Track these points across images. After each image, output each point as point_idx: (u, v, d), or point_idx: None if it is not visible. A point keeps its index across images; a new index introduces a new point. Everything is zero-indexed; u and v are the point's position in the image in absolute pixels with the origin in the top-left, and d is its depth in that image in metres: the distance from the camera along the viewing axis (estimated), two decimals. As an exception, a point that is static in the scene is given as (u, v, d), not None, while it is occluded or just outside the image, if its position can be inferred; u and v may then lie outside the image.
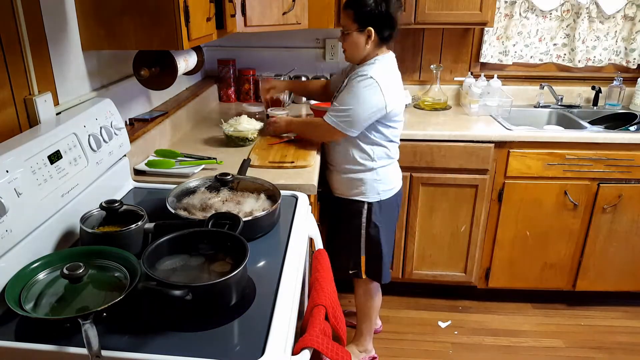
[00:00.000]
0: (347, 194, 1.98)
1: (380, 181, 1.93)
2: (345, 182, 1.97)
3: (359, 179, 1.93)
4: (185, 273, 1.03)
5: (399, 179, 2.03)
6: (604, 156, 2.31)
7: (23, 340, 0.87)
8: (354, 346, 2.24)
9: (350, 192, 1.97)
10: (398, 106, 1.86)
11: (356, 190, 1.95)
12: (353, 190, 1.96)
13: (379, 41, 1.82)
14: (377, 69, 1.80)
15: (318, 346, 0.96)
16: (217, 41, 2.18)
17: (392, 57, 1.91)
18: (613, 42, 2.75)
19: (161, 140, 1.95)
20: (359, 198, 1.95)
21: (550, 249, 2.49)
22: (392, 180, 1.98)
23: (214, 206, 1.31)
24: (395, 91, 1.84)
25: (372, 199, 1.94)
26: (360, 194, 1.95)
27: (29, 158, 1.08)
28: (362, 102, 1.78)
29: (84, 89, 1.52)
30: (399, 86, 1.90)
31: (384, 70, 1.82)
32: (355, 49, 1.85)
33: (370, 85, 1.77)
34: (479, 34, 2.76)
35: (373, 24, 1.79)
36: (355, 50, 1.86)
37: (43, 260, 1.04)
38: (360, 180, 1.93)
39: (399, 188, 2.02)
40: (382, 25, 1.79)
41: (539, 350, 2.36)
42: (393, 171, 1.99)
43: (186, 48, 1.44)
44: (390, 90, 1.80)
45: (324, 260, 1.34)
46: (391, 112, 1.82)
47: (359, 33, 1.81)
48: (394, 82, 1.85)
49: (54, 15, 1.34)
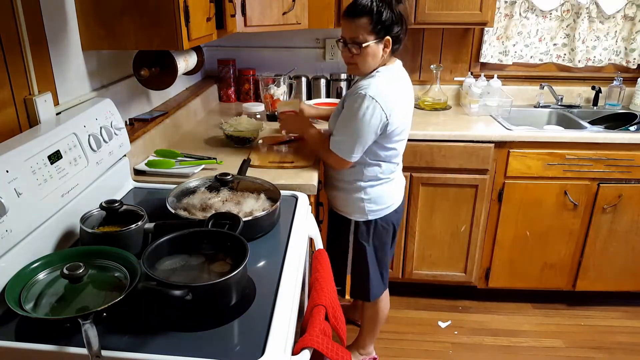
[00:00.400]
0: (338, 209, 1.90)
1: (369, 200, 1.80)
2: (337, 197, 1.88)
3: (348, 197, 1.83)
4: (185, 273, 1.03)
5: (396, 198, 1.88)
6: (604, 156, 2.31)
7: (23, 340, 0.88)
8: (354, 348, 2.20)
9: (341, 208, 1.89)
10: (402, 122, 1.71)
11: (345, 207, 1.86)
12: (343, 207, 1.87)
13: (390, 51, 1.67)
14: (379, 84, 1.63)
15: (318, 346, 0.96)
16: (217, 41, 2.17)
17: (399, 65, 1.75)
18: (613, 42, 2.75)
19: (161, 140, 1.95)
20: (347, 215, 1.86)
21: (550, 249, 2.49)
22: (384, 200, 1.83)
23: (214, 206, 1.31)
24: (401, 107, 1.68)
25: (360, 218, 1.84)
26: (348, 212, 1.86)
27: (29, 158, 1.08)
28: (362, 125, 1.62)
29: (84, 89, 1.52)
30: (406, 97, 1.74)
31: (388, 84, 1.66)
32: (372, 61, 1.66)
33: (369, 105, 1.60)
34: (479, 34, 2.76)
35: (390, 31, 1.62)
36: (372, 63, 1.66)
37: (43, 260, 1.04)
38: (349, 197, 1.83)
39: (395, 207, 1.87)
40: (399, 32, 1.64)
41: (539, 350, 2.36)
42: (386, 191, 1.83)
43: (186, 48, 1.44)
44: (393, 107, 1.64)
45: (324, 260, 1.34)
46: (393, 131, 1.68)
47: (377, 44, 1.62)
48: (400, 96, 1.69)
49: (54, 15, 1.34)
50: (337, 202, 1.90)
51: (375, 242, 1.88)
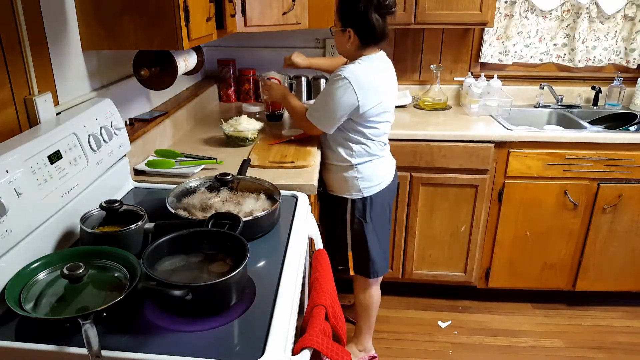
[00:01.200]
0: (335, 191, 2.01)
1: (361, 178, 1.93)
2: (334, 179, 1.99)
3: (342, 176, 1.95)
4: (185, 273, 1.03)
5: (387, 175, 2.01)
6: (604, 156, 2.31)
7: (23, 340, 0.87)
8: (353, 345, 2.24)
9: (337, 189, 2.00)
10: (377, 106, 1.83)
11: (341, 187, 1.98)
12: (339, 187, 1.99)
13: (359, 43, 1.82)
14: (355, 69, 1.80)
15: (318, 346, 0.96)
16: (217, 41, 2.18)
17: (381, 56, 1.89)
18: (613, 42, 2.75)
19: (161, 140, 1.95)
20: (344, 195, 1.98)
21: (550, 249, 2.49)
22: (376, 177, 1.96)
23: (214, 206, 1.31)
24: (375, 91, 1.81)
25: (355, 196, 1.96)
26: (344, 191, 1.97)
27: (29, 158, 1.08)
28: (334, 101, 1.79)
29: (84, 89, 1.52)
30: (384, 86, 1.87)
31: (364, 70, 1.80)
32: (339, 47, 1.90)
33: (342, 85, 1.77)
34: (479, 34, 2.76)
35: (352, 26, 1.79)
36: (340, 48, 1.90)
37: (43, 260, 1.04)
38: (343, 177, 1.95)
39: (386, 184, 2.00)
40: (361, 28, 1.79)
41: (539, 350, 2.36)
42: (377, 168, 1.97)
43: (186, 48, 1.44)
44: (367, 90, 1.78)
45: (324, 260, 1.34)
46: (367, 112, 1.81)
47: (341, 32, 1.83)
48: (374, 82, 1.82)
49: (54, 15, 1.34)
50: (332, 183, 2.01)
51: (372, 217, 1.99)
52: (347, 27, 1.80)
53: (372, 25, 1.77)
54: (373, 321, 2.22)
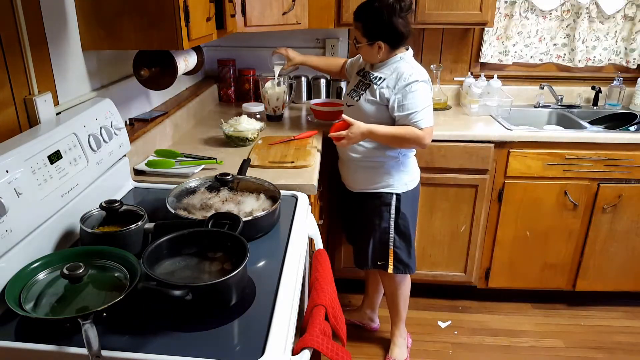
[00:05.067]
0: (370, 187, 1.97)
1: (406, 172, 1.96)
2: (367, 176, 1.96)
3: (385, 171, 1.93)
4: (185, 273, 1.03)
5: (419, 170, 2.06)
6: (604, 156, 2.31)
7: (23, 340, 0.88)
8: (398, 335, 2.25)
9: (375, 185, 1.96)
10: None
11: (382, 183, 1.94)
12: (378, 183, 1.95)
13: (390, 48, 1.84)
14: (416, 69, 1.84)
15: (318, 346, 0.96)
16: (217, 41, 2.18)
17: (410, 54, 1.92)
18: (613, 42, 2.75)
19: (161, 140, 1.95)
20: (386, 190, 1.95)
21: (550, 249, 2.49)
22: (416, 170, 2.02)
23: (214, 206, 1.31)
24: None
25: (400, 189, 1.95)
26: (387, 186, 1.94)
27: (29, 158, 1.08)
28: (428, 100, 1.83)
29: (84, 89, 1.52)
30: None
31: (415, 64, 1.87)
32: (369, 59, 1.92)
33: (423, 86, 1.81)
34: (479, 34, 2.76)
35: (381, 37, 1.80)
36: (369, 59, 1.92)
37: (43, 260, 1.04)
38: (387, 171, 1.93)
39: (419, 178, 2.05)
40: (390, 37, 1.81)
41: (539, 350, 2.36)
42: (415, 162, 2.02)
43: (186, 48, 1.44)
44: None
45: (324, 260, 1.34)
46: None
47: (369, 47, 1.84)
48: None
49: (54, 16, 1.34)
50: (370, 180, 1.96)
51: (412, 211, 2.02)
52: (375, 41, 1.82)
53: (400, 31, 1.80)
54: (404, 311, 2.25)
